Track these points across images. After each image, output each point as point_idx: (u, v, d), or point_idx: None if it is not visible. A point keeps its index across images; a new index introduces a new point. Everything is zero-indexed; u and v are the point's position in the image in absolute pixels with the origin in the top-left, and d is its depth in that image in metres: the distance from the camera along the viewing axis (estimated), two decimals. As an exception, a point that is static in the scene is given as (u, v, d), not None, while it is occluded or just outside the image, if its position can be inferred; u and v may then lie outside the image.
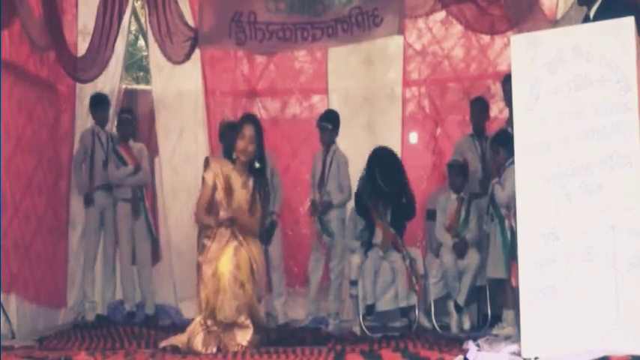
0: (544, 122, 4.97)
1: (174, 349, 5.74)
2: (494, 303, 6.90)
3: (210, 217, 5.95)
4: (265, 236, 7.19)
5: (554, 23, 6.87)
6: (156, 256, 8.24)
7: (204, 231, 6.03)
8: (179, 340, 5.87)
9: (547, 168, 4.93)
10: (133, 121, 8.17)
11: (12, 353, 5.45)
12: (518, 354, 4.81)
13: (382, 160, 7.36)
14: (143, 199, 8.05)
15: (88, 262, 7.96)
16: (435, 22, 8.24)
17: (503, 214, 6.51)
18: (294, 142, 8.35)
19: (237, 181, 5.95)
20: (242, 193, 5.94)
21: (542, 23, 6.82)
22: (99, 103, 8.05)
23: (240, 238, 5.92)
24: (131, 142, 8.12)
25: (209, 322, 5.82)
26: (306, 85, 8.76)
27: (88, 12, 7.99)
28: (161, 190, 8.43)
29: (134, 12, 8.96)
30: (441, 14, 7.92)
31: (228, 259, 5.84)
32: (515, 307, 5.29)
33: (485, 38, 8.07)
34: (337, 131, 7.68)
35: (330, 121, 7.67)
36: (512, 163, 5.75)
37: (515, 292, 5.13)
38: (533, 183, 4.95)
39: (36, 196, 7.32)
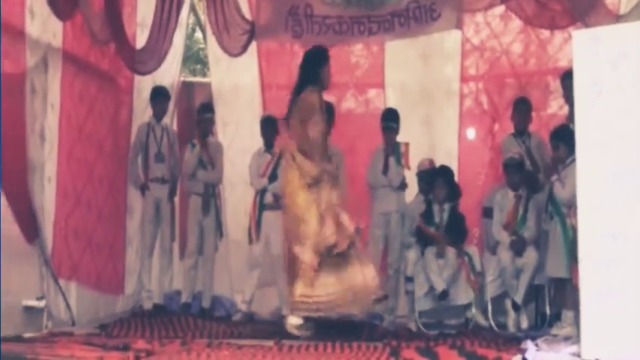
0: (606, 120, 4.90)
1: None
2: (554, 302, 6.79)
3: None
4: None
5: (618, 18, 6.74)
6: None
7: None
8: None
9: (609, 166, 4.85)
10: (213, 119, 8.29)
11: (72, 340, 5.56)
12: (578, 355, 4.75)
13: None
14: (214, 196, 8.14)
15: (145, 252, 8.07)
16: (494, 17, 8.15)
17: (564, 212, 6.39)
18: (350, 137, 8.30)
19: None
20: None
21: (604, 18, 6.69)
22: (159, 95, 8.13)
23: None
24: (210, 138, 8.22)
25: None
26: (362, 80, 8.73)
27: (147, 5, 8.06)
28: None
29: (192, 5, 8.98)
30: (500, 9, 7.84)
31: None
32: (576, 307, 5.22)
33: (545, 33, 7.96)
34: (399, 129, 7.67)
35: (395, 121, 7.66)
36: (574, 160, 5.68)
37: (576, 291, 5.06)
38: (595, 182, 4.88)
39: (97, 185, 7.43)
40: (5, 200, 5.86)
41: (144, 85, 8.30)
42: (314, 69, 6.48)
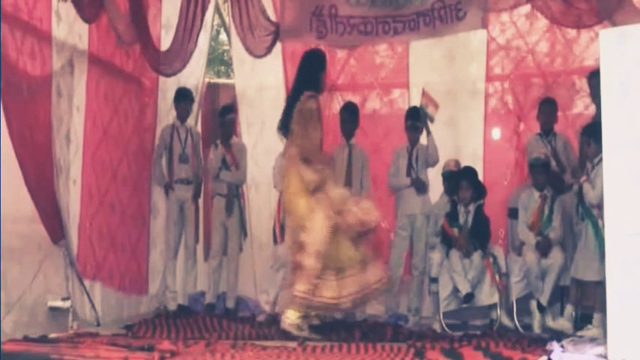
0: (634, 119, 4.84)
1: None
2: (579, 304, 6.70)
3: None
4: None
5: (646, 17, 6.65)
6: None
7: None
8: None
9: (636, 166, 4.79)
10: (235, 120, 8.34)
11: (97, 340, 5.58)
12: (605, 356, 4.69)
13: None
14: (238, 196, 8.18)
15: (169, 253, 8.10)
16: (520, 16, 8.10)
17: (595, 214, 6.27)
18: (375, 138, 8.31)
19: None
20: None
21: (632, 17, 6.59)
22: (183, 97, 8.16)
23: None
24: (234, 139, 8.25)
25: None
26: (387, 80, 8.73)
27: (172, 6, 8.09)
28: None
29: (217, 6, 9.00)
30: (526, 8, 7.77)
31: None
32: (603, 308, 5.15)
33: (571, 32, 7.89)
34: (423, 129, 7.64)
35: (420, 120, 7.62)
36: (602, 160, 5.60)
37: (602, 293, 5.00)
38: (622, 181, 4.82)
39: (121, 186, 7.48)
40: (32, 201, 5.91)
41: (168, 86, 8.34)
42: (313, 73, 6.44)
